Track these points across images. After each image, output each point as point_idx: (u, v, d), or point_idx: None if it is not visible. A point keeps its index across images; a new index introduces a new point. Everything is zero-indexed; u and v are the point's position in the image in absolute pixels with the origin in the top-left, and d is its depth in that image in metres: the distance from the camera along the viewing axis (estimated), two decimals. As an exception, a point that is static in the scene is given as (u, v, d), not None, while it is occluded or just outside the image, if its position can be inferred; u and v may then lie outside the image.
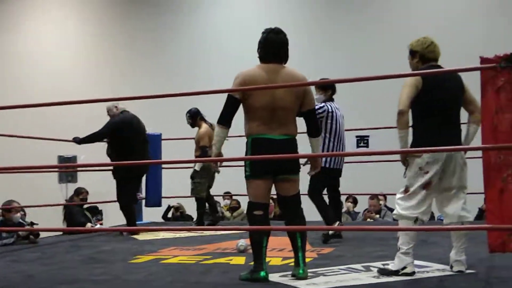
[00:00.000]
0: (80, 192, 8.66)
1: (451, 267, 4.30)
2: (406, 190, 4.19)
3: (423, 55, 4.26)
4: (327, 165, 6.05)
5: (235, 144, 5.22)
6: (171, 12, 13.59)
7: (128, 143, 7.00)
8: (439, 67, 4.26)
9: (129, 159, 6.72)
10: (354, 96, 10.91)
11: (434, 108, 4.13)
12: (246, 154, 4.21)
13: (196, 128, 7.82)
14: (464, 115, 4.30)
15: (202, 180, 7.70)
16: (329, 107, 6.08)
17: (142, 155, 6.95)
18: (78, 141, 7.20)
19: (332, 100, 6.24)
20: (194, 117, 7.76)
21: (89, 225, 7.91)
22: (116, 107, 7.19)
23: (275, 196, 4.52)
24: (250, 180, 4.17)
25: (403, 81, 4.23)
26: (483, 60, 3.44)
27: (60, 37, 14.32)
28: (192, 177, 7.67)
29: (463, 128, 4.33)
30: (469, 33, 11.38)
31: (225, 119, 4.15)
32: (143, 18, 13.79)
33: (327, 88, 6.19)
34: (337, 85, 6.29)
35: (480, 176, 3.61)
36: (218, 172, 4.32)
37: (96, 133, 7.10)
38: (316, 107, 5.03)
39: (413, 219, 4.13)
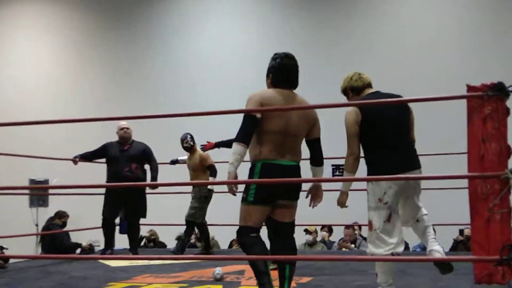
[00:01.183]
0: (63, 215, 8.47)
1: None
2: (370, 226, 4.06)
3: (352, 87, 4.31)
4: None
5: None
6: (153, 36, 13.54)
7: None
8: (379, 92, 4.24)
9: None
10: (330, 125, 10.88)
11: (380, 135, 4.07)
12: (250, 178, 4.01)
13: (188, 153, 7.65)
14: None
15: (203, 205, 7.49)
16: None
17: None
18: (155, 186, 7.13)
19: None
20: (194, 141, 7.61)
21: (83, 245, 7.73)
22: None
23: None
24: (252, 205, 3.97)
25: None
26: (470, 88, 3.40)
27: (36, 58, 14.17)
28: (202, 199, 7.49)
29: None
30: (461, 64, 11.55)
31: (247, 138, 3.94)
32: (124, 41, 13.69)
33: None
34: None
35: (462, 207, 3.54)
36: (235, 194, 4.08)
37: (157, 168, 7.47)
38: None
39: (388, 255, 3.98)
